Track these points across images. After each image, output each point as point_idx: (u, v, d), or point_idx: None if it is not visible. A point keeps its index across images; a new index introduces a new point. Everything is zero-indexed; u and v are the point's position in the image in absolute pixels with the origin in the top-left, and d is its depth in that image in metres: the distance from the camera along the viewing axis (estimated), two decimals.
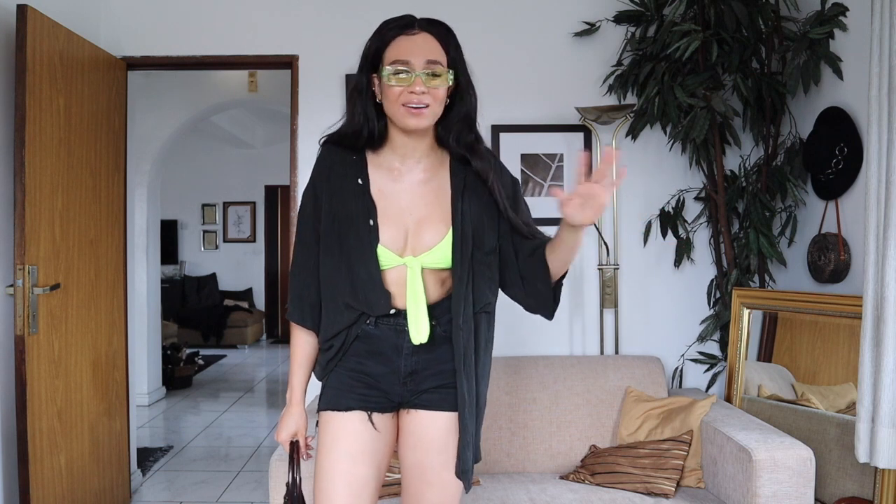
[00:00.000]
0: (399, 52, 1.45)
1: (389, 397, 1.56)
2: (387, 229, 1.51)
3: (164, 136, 5.43)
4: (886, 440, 1.98)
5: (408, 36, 1.46)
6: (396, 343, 1.53)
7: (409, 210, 1.53)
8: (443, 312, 1.53)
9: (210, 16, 3.19)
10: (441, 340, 1.54)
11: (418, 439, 1.55)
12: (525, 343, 3.12)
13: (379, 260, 1.49)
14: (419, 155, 1.55)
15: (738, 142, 2.98)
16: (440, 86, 1.45)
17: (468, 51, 1.44)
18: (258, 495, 3.56)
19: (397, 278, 1.51)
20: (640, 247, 3.14)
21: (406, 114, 1.45)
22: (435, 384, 1.55)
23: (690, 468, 2.49)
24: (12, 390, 2.53)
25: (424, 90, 1.43)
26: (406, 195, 1.54)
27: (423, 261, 1.50)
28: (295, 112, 3.11)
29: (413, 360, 1.54)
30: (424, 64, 1.44)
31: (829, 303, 2.47)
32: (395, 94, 1.44)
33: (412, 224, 1.52)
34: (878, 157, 2.03)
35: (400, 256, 1.50)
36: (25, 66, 2.47)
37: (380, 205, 1.52)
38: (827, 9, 2.57)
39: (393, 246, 1.50)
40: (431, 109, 1.46)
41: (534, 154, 3.14)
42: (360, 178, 1.54)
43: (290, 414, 1.64)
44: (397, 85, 1.44)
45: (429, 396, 1.55)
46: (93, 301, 2.94)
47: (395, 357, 1.53)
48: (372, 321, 1.53)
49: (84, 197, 2.89)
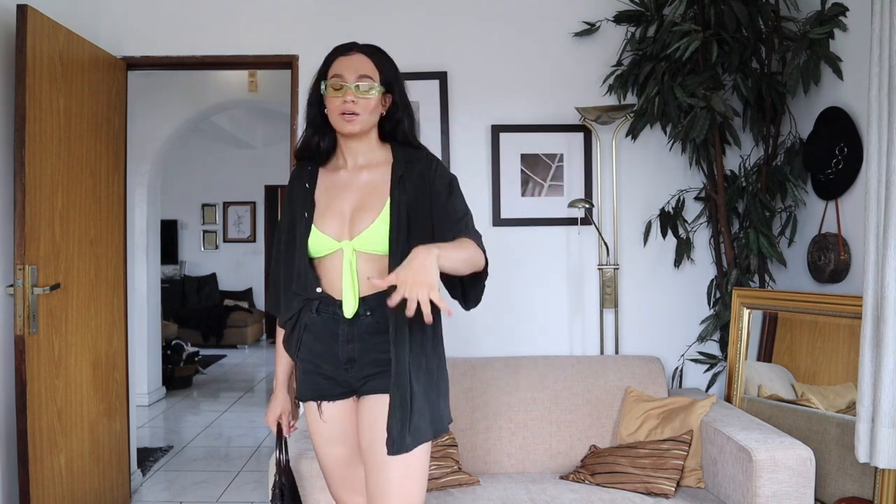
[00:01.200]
0: (337, 68, 1.69)
1: (339, 384, 1.73)
2: (326, 219, 1.71)
3: (164, 136, 5.42)
4: (886, 440, 1.98)
5: (345, 56, 1.70)
6: (334, 330, 1.70)
7: (348, 201, 1.72)
8: (379, 303, 1.65)
9: (210, 16, 3.19)
10: (375, 331, 1.68)
11: (367, 422, 1.68)
12: (525, 343, 3.12)
13: (318, 246, 1.70)
14: (361, 154, 1.76)
15: (738, 142, 2.98)
16: (368, 96, 1.67)
17: (468, 51, 1.46)
18: (258, 495, 3.56)
19: (337, 264, 1.69)
20: (640, 247, 3.14)
21: (340, 120, 1.67)
22: (374, 371, 1.68)
23: (690, 468, 2.49)
24: (12, 390, 2.53)
25: (354, 100, 1.65)
26: (346, 189, 1.74)
27: (355, 244, 1.67)
28: (295, 112, 3.11)
29: (349, 347, 1.69)
30: (356, 78, 1.67)
31: (829, 303, 2.47)
32: (334, 104, 1.68)
33: (349, 212, 1.71)
34: (878, 157, 2.03)
35: (338, 241, 1.69)
36: (25, 66, 2.47)
37: (323, 201, 1.74)
38: (827, 9, 2.57)
39: (331, 232, 1.70)
40: (361, 118, 1.67)
41: (534, 154, 3.14)
42: (308, 183, 1.78)
43: (274, 398, 1.91)
44: (333, 95, 1.67)
45: (372, 383, 1.69)
46: (93, 301, 2.94)
47: (333, 344, 1.70)
48: (314, 310, 1.72)
49: (84, 197, 2.89)
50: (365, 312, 1.67)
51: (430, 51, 3.13)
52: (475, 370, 2.77)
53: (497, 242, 3.10)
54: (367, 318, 1.67)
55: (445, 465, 2.49)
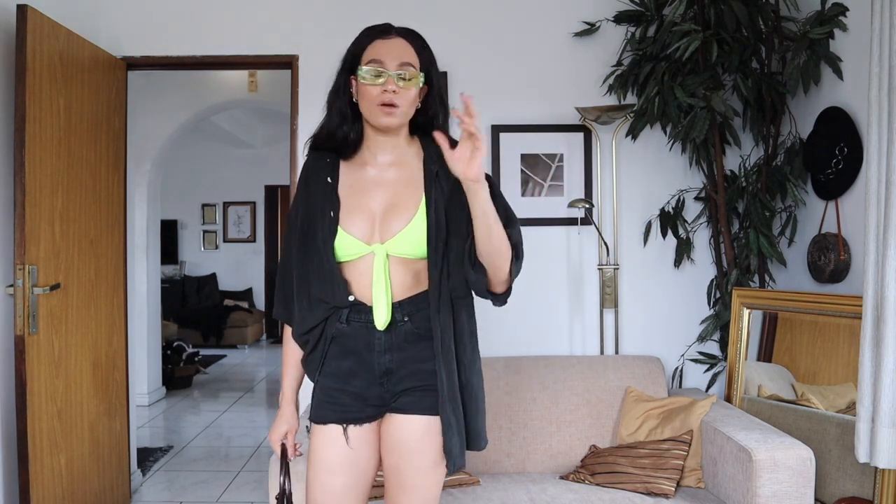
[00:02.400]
0: (375, 53, 1.52)
1: (368, 402, 1.57)
2: (353, 219, 1.54)
3: (164, 136, 5.42)
4: (886, 440, 1.98)
5: (384, 40, 1.54)
6: (368, 340, 1.54)
7: (377, 199, 1.55)
8: (417, 308, 1.53)
9: (210, 16, 3.19)
10: (415, 338, 1.54)
11: (395, 443, 1.55)
12: (525, 343, 3.12)
13: (345, 249, 1.52)
14: (391, 149, 1.59)
15: (738, 142, 2.98)
16: (411, 87, 1.51)
17: (468, 51, 1.45)
18: (258, 495, 3.56)
19: (366, 269, 1.53)
20: (640, 247, 3.14)
21: (380, 112, 1.50)
22: (412, 384, 1.54)
23: (690, 468, 2.49)
24: (12, 390, 2.53)
25: (396, 90, 1.49)
26: (375, 186, 1.57)
27: (388, 247, 1.51)
28: (295, 112, 3.11)
29: (387, 357, 1.54)
30: (397, 65, 1.50)
31: (829, 303, 2.47)
32: (371, 94, 1.50)
33: (379, 212, 1.54)
34: (878, 157, 2.03)
35: (367, 244, 1.52)
36: (25, 66, 2.47)
37: (348, 198, 1.56)
38: (827, 9, 2.57)
39: (359, 234, 1.52)
40: (401, 110, 1.51)
41: (534, 154, 3.14)
42: (330, 177, 1.59)
43: (280, 415, 1.70)
44: (371, 84, 1.50)
45: (405, 399, 1.55)
46: (93, 301, 2.94)
47: (367, 355, 1.54)
48: (343, 319, 1.55)
49: (84, 197, 2.89)
50: (402, 318, 1.53)
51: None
52: None
53: None
54: (405, 325, 1.53)
55: None
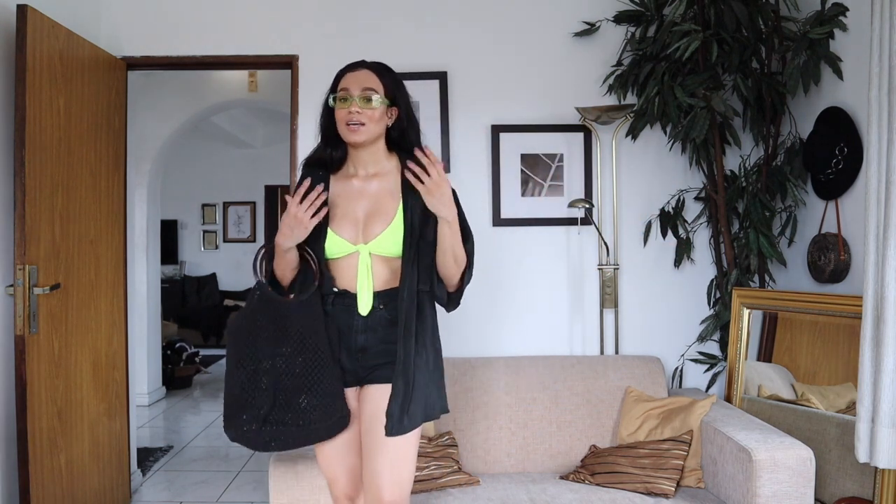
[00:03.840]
0: (344, 83, 1.84)
1: (349, 373, 1.87)
2: (342, 224, 1.86)
3: (164, 136, 5.42)
4: (886, 440, 1.98)
5: (352, 72, 1.85)
6: (348, 321, 1.85)
7: (361, 207, 1.87)
8: (391, 298, 1.84)
9: (210, 16, 3.18)
10: (387, 322, 1.85)
11: (367, 409, 1.83)
12: (525, 343, 3.12)
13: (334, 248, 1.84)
14: (372, 163, 1.90)
15: (738, 142, 2.97)
16: (372, 108, 1.80)
17: (468, 51, 1.47)
18: (258, 495, 3.56)
19: (352, 264, 1.84)
20: (640, 247, 3.14)
21: (346, 131, 1.82)
22: (381, 361, 1.84)
23: (690, 468, 2.49)
24: (12, 390, 2.53)
25: (359, 111, 1.79)
26: (359, 196, 1.88)
27: (371, 247, 1.83)
28: (295, 112, 3.11)
29: (362, 337, 1.85)
30: (361, 90, 1.81)
31: (829, 303, 2.47)
32: (340, 116, 1.82)
33: (362, 218, 1.86)
34: (878, 157, 2.03)
35: (353, 245, 1.84)
36: (25, 66, 2.47)
37: (337, 206, 1.87)
38: (827, 9, 2.57)
39: (347, 236, 1.85)
40: (367, 128, 1.81)
41: (534, 154, 3.14)
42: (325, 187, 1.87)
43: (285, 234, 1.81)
44: (339, 107, 1.82)
45: (377, 373, 1.84)
46: (93, 301, 2.94)
47: (347, 333, 1.85)
48: (330, 303, 1.86)
49: (84, 197, 2.89)
50: (379, 306, 1.84)
51: (430, 51, 3.13)
52: (475, 370, 2.77)
53: (497, 242, 3.10)
54: (381, 311, 1.85)
55: (445, 465, 2.49)
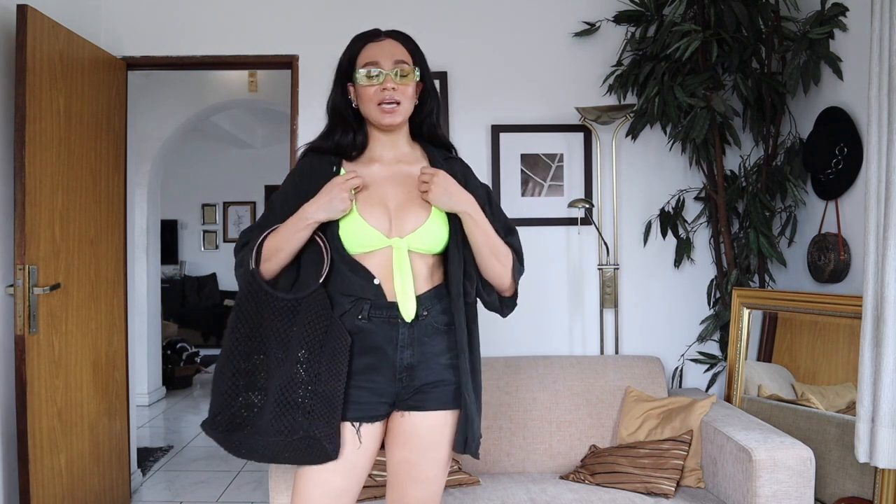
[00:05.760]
0: (369, 56, 1.57)
1: (383, 399, 1.56)
2: (372, 211, 1.55)
3: (164, 136, 5.42)
4: (886, 440, 1.98)
5: (375, 42, 1.59)
6: (391, 336, 1.53)
7: (390, 193, 1.58)
8: (433, 302, 1.57)
9: (210, 16, 3.18)
10: (433, 332, 1.57)
11: (409, 438, 1.58)
12: (525, 343, 3.12)
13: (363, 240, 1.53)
14: (397, 147, 1.64)
15: (738, 142, 2.97)
16: (409, 83, 1.57)
17: (468, 51, 1.47)
18: (258, 495, 3.56)
19: (384, 261, 1.54)
20: (640, 247, 3.14)
21: (380, 112, 1.56)
22: (430, 380, 1.57)
23: (690, 468, 2.49)
24: (12, 390, 2.53)
25: (395, 87, 1.54)
26: (386, 181, 1.60)
27: (409, 241, 1.54)
28: (295, 112, 3.11)
29: (409, 352, 1.55)
30: (393, 64, 1.56)
31: (829, 303, 2.47)
32: (370, 94, 1.55)
33: (393, 208, 1.57)
34: (878, 157, 2.03)
35: (387, 238, 1.54)
36: (25, 66, 2.47)
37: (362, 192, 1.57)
38: (827, 9, 2.57)
39: (379, 226, 1.54)
40: (403, 106, 1.57)
41: (534, 154, 3.14)
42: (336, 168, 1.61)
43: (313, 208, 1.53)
44: (370, 85, 1.55)
45: (422, 396, 1.57)
46: (93, 301, 2.94)
47: (390, 351, 1.54)
48: (365, 315, 1.53)
49: (84, 197, 2.89)
50: (423, 312, 1.55)
51: (430, 50, 3.06)
52: None
53: None
54: (426, 318, 1.55)
55: None
